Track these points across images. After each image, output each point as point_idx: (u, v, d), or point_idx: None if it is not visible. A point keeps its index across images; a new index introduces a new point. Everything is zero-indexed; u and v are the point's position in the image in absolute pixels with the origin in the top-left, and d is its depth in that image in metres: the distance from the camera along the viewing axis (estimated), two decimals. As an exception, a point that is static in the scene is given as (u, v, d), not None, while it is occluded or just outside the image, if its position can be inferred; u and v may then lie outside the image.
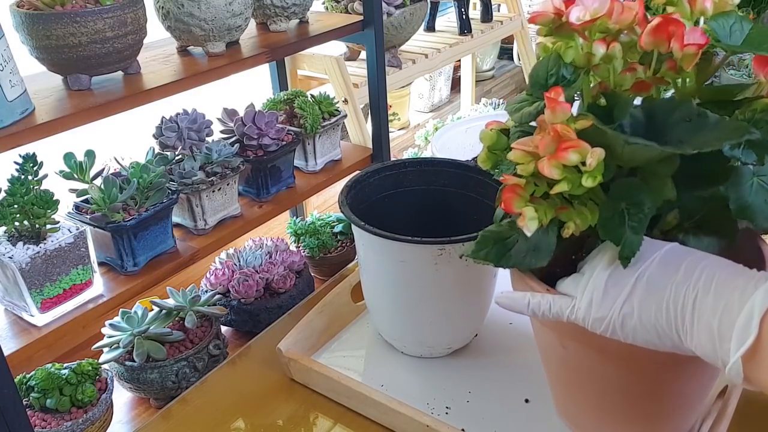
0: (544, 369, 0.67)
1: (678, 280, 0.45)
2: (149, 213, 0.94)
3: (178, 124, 1.05)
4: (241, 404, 0.79)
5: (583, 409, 0.65)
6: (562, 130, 0.47)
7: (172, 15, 0.97)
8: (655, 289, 0.46)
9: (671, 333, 0.46)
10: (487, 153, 0.56)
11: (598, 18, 0.50)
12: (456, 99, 2.48)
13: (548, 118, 0.49)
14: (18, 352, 0.81)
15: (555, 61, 0.54)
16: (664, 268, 0.47)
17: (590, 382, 0.60)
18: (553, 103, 0.49)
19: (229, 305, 1.13)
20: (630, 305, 0.47)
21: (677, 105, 0.49)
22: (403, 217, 0.83)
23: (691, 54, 0.48)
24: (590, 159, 0.46)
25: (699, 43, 0.48)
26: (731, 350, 0.42)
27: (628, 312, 0.47)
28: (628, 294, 0.47)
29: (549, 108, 0.49)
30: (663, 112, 0.49)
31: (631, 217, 0.49)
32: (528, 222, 0.50)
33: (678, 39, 0.48)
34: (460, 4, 1.77)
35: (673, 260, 0.47)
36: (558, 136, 0.48)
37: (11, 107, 0.76)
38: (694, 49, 0.48)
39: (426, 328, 0.79)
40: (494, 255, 0.56)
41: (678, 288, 0.45)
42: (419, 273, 0.73)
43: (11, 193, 0.83)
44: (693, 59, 0.48)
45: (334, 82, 1.36)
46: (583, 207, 0.51)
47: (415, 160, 0.87)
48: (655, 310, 0.46)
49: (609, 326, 0.48)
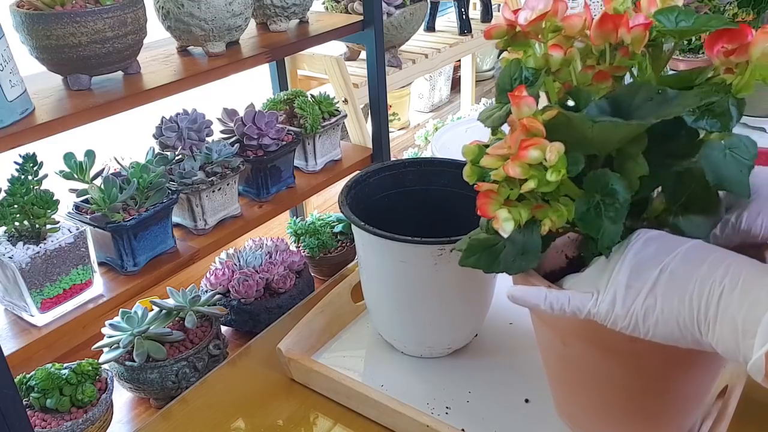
0: (545, 368, 0.67)
1: (703, 274, 0.45)
2: (149, 213, 0.94)
3: (178, 124, 1.05)
4: (241, 404, 0.79)
5: (583, 409, 0.65)
6: (528, 122, 0.48)
7: (172, 15, 0.97)
8: (678, 282, 0.46)
9: (693, 327, 0.45)
10: (471, 167, 0.57)
11: (545, 16, 0.52)
12: (456, 99, 2.49)
13: (515, 113, 0.50)
14: (18, 352, 0.81)
15: (516, 66, 0.56)
16: (689, 262, 0.46)
17: (592, 380, 0.60)
18: (517, 98, 0.50)
19: (229, 305, 1.13)
20: (653, 298, 0.46)
21: (638, 88, 0.51)
22: (403, 217, 0.83)
23: (639, 35, 0.50)
24: (549, 154, 0.47)
25: (644, 23, 0.50)
26: (755, 346, 0.41)
27: (650, 305, 0.47)
28: (651, 287, 0.47)
29: (513, 104, 0.50)
30: (626, 98, 0.51)
31: (606, 208, 0.49)
32: (503, 223, 0.51)
33: (624, 25, 0.50)
34: (460, 4, 1.77)
35: (698, 255, 0.47)
36: (526, 130, 0.49)
37: (11, 107, 0.76)
38: (640, 30, 0.50)
39: (426, 328, 0.79)
40: (484, 262, 0.57)
41: (703, 282, 0.45)
42: (419, 273, 0.73)
43: (11, 193, 0.83)
44: (642, 40, 0.50)
45: (334, 82, 1.36)
46: (557, 204, 0.51)
47: (415, 160, 0.87)
48: (677, 303, 0.46)
49: (631, 321, 0.48)
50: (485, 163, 0.52)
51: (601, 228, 0.49)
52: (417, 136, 1.97)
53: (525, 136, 0.49)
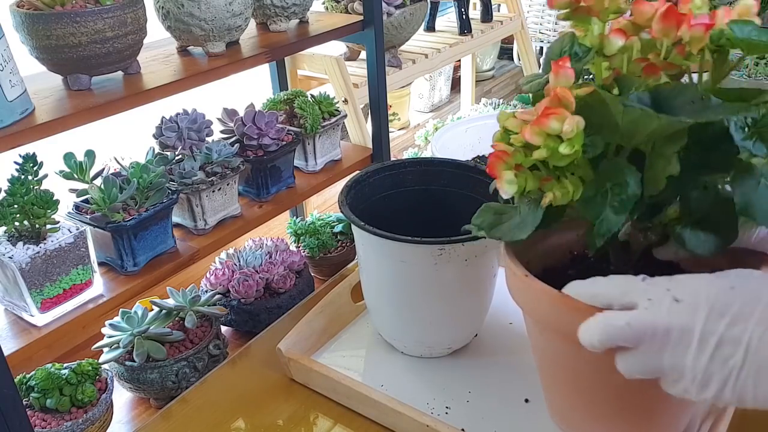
0: (538, 370, 0.67)
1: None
2: (149, 213, 0.94)
3: (178, 124, 1.05)
4: (241, 404, 0.79)
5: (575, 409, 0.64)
6: (561, 92, 0.47)
7: (172, 15, 0.97)
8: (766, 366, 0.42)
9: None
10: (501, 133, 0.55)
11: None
12: (456, 99, 2.48)
13: (551, 81, 0.49)
14: (18, 352, 0.81)
15: (569, 39, 0.54)
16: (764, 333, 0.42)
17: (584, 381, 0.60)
18: (557, 67, 0.49)
19: (229, 305, 1.13)
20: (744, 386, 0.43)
21: (683, 88, 0.49)
22: (403, 217, 0.83)
23: (698, 35, 0.48)
24: (567, 125, 0.46)
25: (706, 23, 0.47)
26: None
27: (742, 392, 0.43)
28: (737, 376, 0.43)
29: (553, 71, 0.49)
30: (668, 96, 0.49)
31: (613, 197, 0.48)
32: (506, 185, 0.50)
33: (686, 21, 0.48)
34: (460, 4, 1.77)
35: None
36: (557, 99, 0.47)
37: (11, 107, 0.76)
38: (700, 30, 0.47)
39: (426, 328, 0.79)
40: (488, 224, 0.57)
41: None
42: (419, 273, 0.73)
43: (11, 193, 0.83)
44: (700, 40, 0.48)
45: (334, 82, 1.36)
46: (566, 180, 0.50)
47: (415, 160, 0.87)
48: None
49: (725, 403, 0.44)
50: (508, 124, 0.51)
51: (601, 214, 0.48)
52: (417, 136, 1.97)
53: (552, 104, 0.48)
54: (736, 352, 0.42)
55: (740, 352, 0.42)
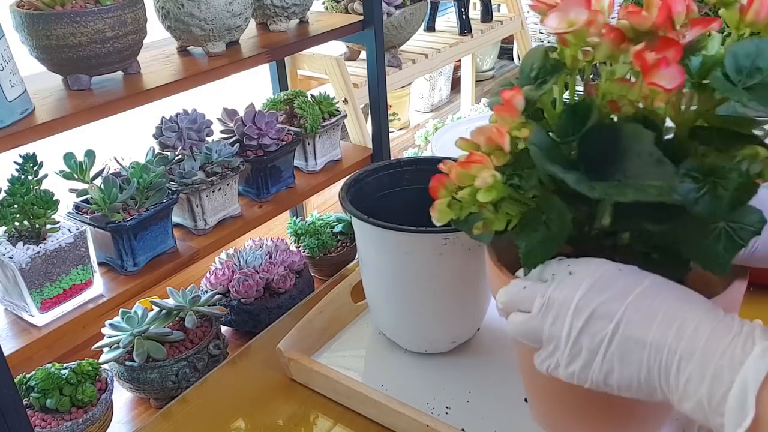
0: (520, 372, 0.67)
1: (655, 340, 0.42)
2: (149, 213, 0.94)
3: (178, 124, 1.05)
4: (241, 404, 0.79)
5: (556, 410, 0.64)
6: (494, 134, 0.48)
7: (172, 15, 0.97)
8: (632, 347, 0.43)
9: (657, 392, 0.43)
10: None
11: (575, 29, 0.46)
12: (456, 99, 2.49)
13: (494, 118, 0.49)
14: (18, 352, 0.81)
15: (541, 54, 0.52)
16: (639, 320, 0.43)
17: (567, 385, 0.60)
18: (499, 108, 0.48)
19: (229, 305, 1.13)
20: (610, 363, 0.43)
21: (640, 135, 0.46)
22: (401, 216, 0.83)
23: (657, 93, 0.44)
24: (479, 181, 0.48)
25: (664, 87, 0.43)
26: (726, 427, 0.38)
27: (608, 370, 0.44)
28: (605, 349, 0.43)
29: (496, 110, 0.48)
30: (629, 138, 0.46)
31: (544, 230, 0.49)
32: (437, 213, 0.52)
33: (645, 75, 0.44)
34: (460, 4, 1.77)
35: (647, 310, 0.43)
36: (489, 140, 0.48)
37: (11, 107, 0.76)
38: (659, 90, 0.44)
39: (430, 322, 0.79)
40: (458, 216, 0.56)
41: (657, 349, 0.42)
42: (423, 264, 0.73)
43: (11, 193, 0.83)
44: (663, 98, 0.44)
45: (334, 82, 1.36)
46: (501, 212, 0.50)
47: (411, 159, 0.87)
48: (636, 370, 0.43)
49: (592, 384, 0.45)
50: (457, 144, 0.52)
51: (530, 245, 0.49)
52: (417, 136, 1.97)
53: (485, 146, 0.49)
54: (606, 327, 0.43)
55: (610, 327, 0.43)
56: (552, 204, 0.48)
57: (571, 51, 0.48)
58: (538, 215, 0.50)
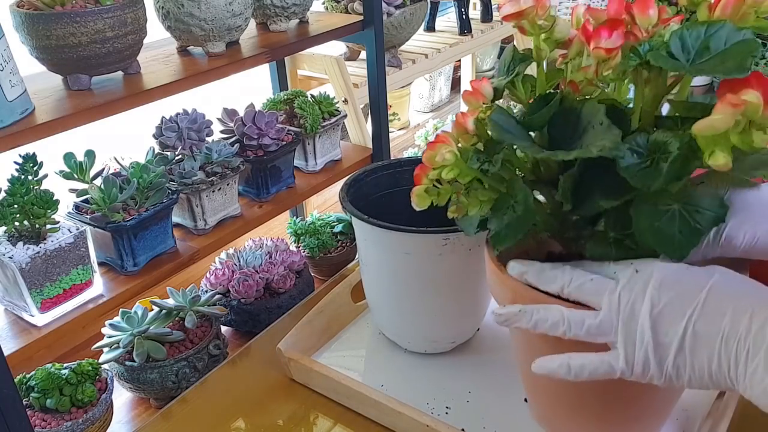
0: (520, 372, 0.67)
1: (727, 332, 0.44)
2: (149, 213, 0.94)
3: (178, 124, 1.05)
4: (241, 404, 0.79)
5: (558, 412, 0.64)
6: (461, 117, 0.52)
7: (172, 15, 0.97)
8: (705, 340, 0.45)
9: (725, 382, 0.45)
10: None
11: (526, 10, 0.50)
12: (456, 99, 2.48)
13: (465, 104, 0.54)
14: (18, 352, 0.81)
15: (511, 50, 0.57)
16: (712, 314, 0.45)
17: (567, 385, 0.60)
18: (467, 94, 0.53)
19: (229, 305, 1.13)
20: (683, 356, 0.45)
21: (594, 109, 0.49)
22: (400, 216, 0.83)
23: (602, 57, 0.48)
24: (438, 157, 0.52)
25: (605, 47, 0.47)
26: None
27: (681, 363, 0.45)
28: (679, 344, 0.45)
29: (464, 96, 0.53)
30: (587, 114, 0.50)
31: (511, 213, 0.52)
32: (415, 197, 0.55)
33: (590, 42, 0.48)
34: (460, 4, 1.77)
35: (720, 303, 0.45)
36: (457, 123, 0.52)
37: (11, 107, 0.76)
38: (601, 53, 0.48)
39: (430, 322, 0.79)
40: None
41: (728, 340, 0.44)
42: (423, 264, 0.73)
43: (11, 193, 0.83)
44: (607, 64, 0.48)
45: (334, 82, 1.36)
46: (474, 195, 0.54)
47: (411, 159, 0.87)
48: (708, 360, 0.45)
49: (665, 378, 0.47)
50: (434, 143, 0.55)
51: (498, 227, 0.52)
52: (417, 136, 1.97)
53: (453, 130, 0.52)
54: (680, 323, 0.45)
55: (683, 323, 0.45)
56: (517, 186, 0.52)
57: (534, 41, 0.53)
58: (507, 200, 0.53)
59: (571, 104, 0.52)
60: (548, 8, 0.51)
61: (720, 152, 0.43)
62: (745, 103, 0.41)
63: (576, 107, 0.51)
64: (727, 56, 0.45)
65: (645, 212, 0.48)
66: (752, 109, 0.41)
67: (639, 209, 0.48)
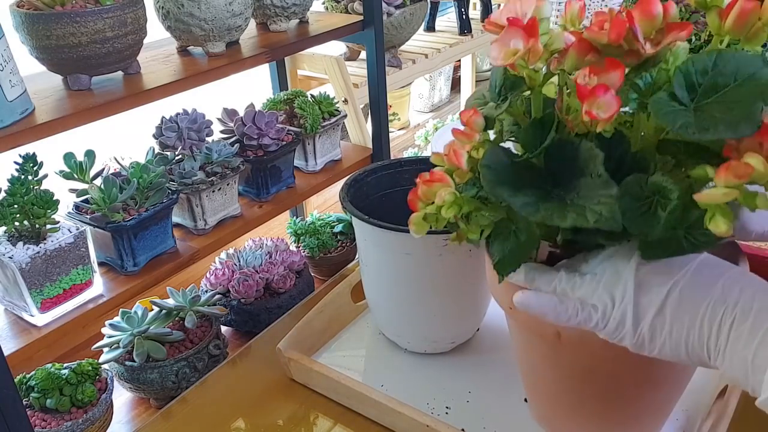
0: (520, 372, 0.67)
1: (715, 298, 0.43)
2: (149, 213, 0.94)
3: (178, 124, 1.05)
4: (241, 404, 0.79)
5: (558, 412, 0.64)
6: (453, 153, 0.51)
7: (172, 15, 0.97)
8: (690, 303, 0.44)
9: (701, 351, 0.44)
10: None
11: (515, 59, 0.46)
12: (456, 99, 2.48)
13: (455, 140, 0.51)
14: (18, 352, 0.81)
15: (501, 73, 0.53)
16: (700, 281, 0.44)
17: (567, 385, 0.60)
18: (457, 133, 0.50)
19: (229, 305, 1.13)
20: (662, 317, 0.45)
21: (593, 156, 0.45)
22: (401, 216, 0.83)
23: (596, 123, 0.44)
24: (437, 199, 0.50)
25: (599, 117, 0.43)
26: (765, 383, 0.40)
27: (659, 324, 0.45)
28: (660, 305, 0.45)
29: (454, 133, 0.50)
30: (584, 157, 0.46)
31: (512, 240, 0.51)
32: (413, 226, 0.53)
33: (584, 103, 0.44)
34: (460, 4, 1.77)
35: (710, 274, 0.45)
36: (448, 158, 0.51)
37: (11, 107, 0.76)
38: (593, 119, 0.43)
39: (430, 322, 0.79)
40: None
41: (715, 307, 0.43)
42: (424, 265, 0.73)
43: (11, 193, 0.83)
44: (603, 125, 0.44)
45: (334, 82, 1.36)
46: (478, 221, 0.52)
47: (411, 159, 0.87)
48: (688, 326, 0.44)
49: (638, 339, 0.46)
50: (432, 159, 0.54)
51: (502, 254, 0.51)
52: (417, 136, 1.97)
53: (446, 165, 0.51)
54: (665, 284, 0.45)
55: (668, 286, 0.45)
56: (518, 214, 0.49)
57: (527, 72, 0.48)
58: (508, 225, 0.51)
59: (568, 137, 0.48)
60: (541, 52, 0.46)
61: (721, 218, 0.40)
62: (750, 172, 0.38)
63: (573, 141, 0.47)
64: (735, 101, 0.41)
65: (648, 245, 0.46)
66: (759, 177, 0.38)
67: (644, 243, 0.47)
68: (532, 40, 0.45)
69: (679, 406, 0.69)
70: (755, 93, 0.40)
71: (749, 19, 0.43)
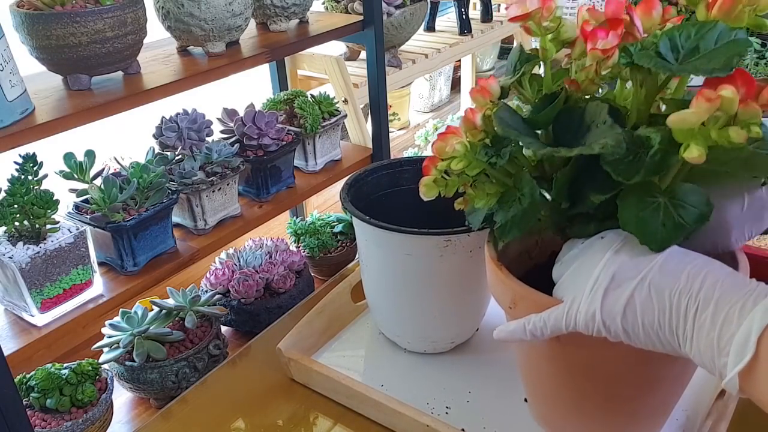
0: (520, 372, 0.67)
1: (680, 288, 0.45)
2: (149, 213, 0.94)
3: (178, 124, 1.05)
4: (241, 404, 0.79)
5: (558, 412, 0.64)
6: (469, 113, 0.54)
7: (172, 15, 0.97)
8: (657, 294, 0.46)
9: (672, 340, 0.46)
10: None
11: (532, 13, 0.51)
12: (456, 99, 2.49)
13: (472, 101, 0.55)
14: (18, 352, 0.81)
15: (518, 50, 0.58)
16: (667, 273, 0.46)
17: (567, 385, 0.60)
18: (474, 91, 0.54)
19: (229, 305, 1.13)
20: (632, 310, 0.46)
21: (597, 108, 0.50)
22: (401, 216, 0.83)
23: (599, 57, 0.49)
24: (448, 147, 0.53)
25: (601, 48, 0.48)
26: (728, 365, 0.42)
27: (630, 315, 0.46)
28: (629, 298, 0.46)
29: (471, 93, 0.54)
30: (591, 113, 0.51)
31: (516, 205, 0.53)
32: (423, 187, 0.57)
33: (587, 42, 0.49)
34: (460, 4, 1.77)
35: (676, 265, 0.46)
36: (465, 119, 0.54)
37: (11, 107, 0.76)
38: (598, 53, 0.49)
39: (430, 322, 0.79)
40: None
41: (680, 297, 0.45)
42: (425, 265, 0.73)
43: (11, 193, 0.83)
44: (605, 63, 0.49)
45: (334, 82, 1.36)
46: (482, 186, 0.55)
47: (411, 159, 0.87)
48: (657, 316, 0.46)
49: (611, 332, 0.47)
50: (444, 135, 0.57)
51: (504, 219, 0.53)
52: (417, 136, 1.97)
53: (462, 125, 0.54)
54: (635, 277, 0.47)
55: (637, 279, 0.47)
56: (523, 179, 0.53)
57: (540, 42, 0.54)
58: (514, 193, 0.54)
59: (576, 103, 0.52)
60: (554, 10, 0.52)
61: (695, 146, 0.43)
62: (720, 98, 0.41)
63: (580, 106, 0.52)
64: (715, 56, 0.45)
65: (630, 203, 0.48)
66: (727, 104, 0.41)
67: (625, 201, 0.49)
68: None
69: (679, 406, 0.69)
70: (732, 51, 0.45)
71: (734, 5, 0.47)
